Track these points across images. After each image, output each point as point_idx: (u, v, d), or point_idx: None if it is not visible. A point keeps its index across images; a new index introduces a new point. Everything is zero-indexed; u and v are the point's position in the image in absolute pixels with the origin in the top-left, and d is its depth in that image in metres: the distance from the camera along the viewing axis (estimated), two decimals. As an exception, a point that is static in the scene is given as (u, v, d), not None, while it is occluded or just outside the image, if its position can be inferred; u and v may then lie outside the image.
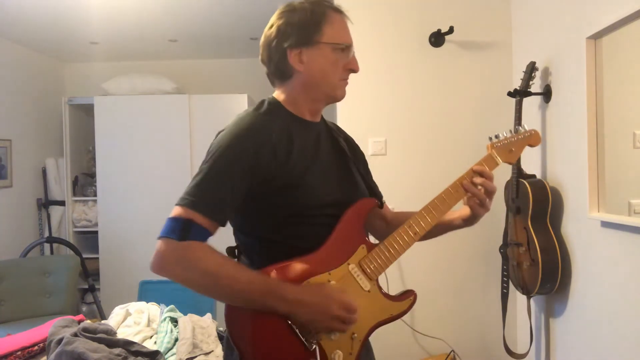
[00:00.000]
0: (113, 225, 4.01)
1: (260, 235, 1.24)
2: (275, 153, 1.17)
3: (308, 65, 1.23)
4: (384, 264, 1.25)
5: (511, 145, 1.37)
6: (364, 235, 1.28)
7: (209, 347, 2.25)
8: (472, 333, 2.77)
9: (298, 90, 1.26)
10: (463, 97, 2.74)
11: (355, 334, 1.21)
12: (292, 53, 1.22)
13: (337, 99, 1.30)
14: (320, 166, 1.25)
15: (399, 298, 1.28)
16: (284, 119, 1.24)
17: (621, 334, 1.83)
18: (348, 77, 1.29)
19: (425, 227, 1.29)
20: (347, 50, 1.26)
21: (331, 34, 1.23)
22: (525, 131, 1.40)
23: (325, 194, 1.24)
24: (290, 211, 1.20)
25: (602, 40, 1.91)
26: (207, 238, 1.13)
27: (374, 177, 1.50)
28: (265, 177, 1.16)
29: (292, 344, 1.15)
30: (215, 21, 3.51)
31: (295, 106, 1.27)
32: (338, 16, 1.26)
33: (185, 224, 1.09)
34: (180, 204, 1.12)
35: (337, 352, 1.18)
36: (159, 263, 1.10)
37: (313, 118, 1.31)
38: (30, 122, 4.13)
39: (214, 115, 3.87)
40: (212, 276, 1.11)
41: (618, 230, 1.83)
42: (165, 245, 1.09)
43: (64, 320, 2.25)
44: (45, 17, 3.31)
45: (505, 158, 1.36)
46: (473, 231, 2.70)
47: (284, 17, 1.24)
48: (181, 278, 1.11)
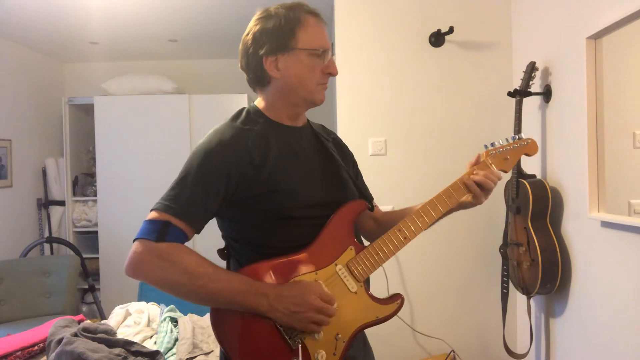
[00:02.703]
0: (113, 225, 4.01)
1: (248, 240, 1.25)
2: (252, 161, 1.18)
3: (284, 71, 1.23)
4: (371, 267, 1.26)
5: (506, 154, 1.37)
6: (353, 236, 1.29)
7: (209, 347, 2.25)
8: (472, 333, 2.77)
9: (276, 97, 1.27)
10: (463, 97, 2.74)
11: (339, 335, 1.21)
12: (267, 60, 1.22)
13: (316, 104, 1.29)
14: (301, 169, 1.26)
15: (386, 301, 1.28)
16: (262, 126, 1.25)
17: (621, 334, 1.83)
18: (327, 81, 1.29)
19: (416, 232, 1.29)
20: (323, 55, 1.25)
21: (306, 40, 1.22)
22: (522, 139, 1.39)
23: (308, 196, 1.24)
24: (274, 215, 1.21)
25: (602, 40, 1.91)
26: (184, 241, 1.14)
27: (374, 177, 1.50)
28: (243, 185, 1.17)
29: (276, 344, 1.17)
30: (215, 21, 3.51)
31: (274, 112, 1.28)
32: (313, 20, 1.25)
33: (162, 225, 1.11)
34: (156, 208, 1.14)
35: (321, 352, 1.19)
36: (134, 264, 1.10)
37: (293, 122, 1.31)
38: (30, 122, 4.13)
39: (214, 115, 3.85)
40: (190, 276, 1.11)
41: (618, 230, 1.83)
42: (142, 246, 1.10)
43: (64, 320, 2.25)
44: (45, 17, 3.31)
45: (499, 166, 1.36)
46: (473, 231, 2.73)
47: (259, 23, 1.24)
48: (158, 279, 1.11)
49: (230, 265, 1.30)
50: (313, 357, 1.18)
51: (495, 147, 1.37)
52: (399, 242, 1.27)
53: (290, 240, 1.23)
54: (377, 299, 1.28)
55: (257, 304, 1.13)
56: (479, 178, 1.30)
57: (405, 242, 1.28)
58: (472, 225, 2.71)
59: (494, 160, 1.36)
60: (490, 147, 1.37)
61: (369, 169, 2.68)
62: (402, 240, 1.28)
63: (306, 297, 1.15)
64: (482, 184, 1.30)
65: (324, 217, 1.25)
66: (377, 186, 2.33)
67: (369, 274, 1.27)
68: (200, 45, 4.14)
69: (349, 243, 1.26)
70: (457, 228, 2.71)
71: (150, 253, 1.09)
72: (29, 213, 4.14)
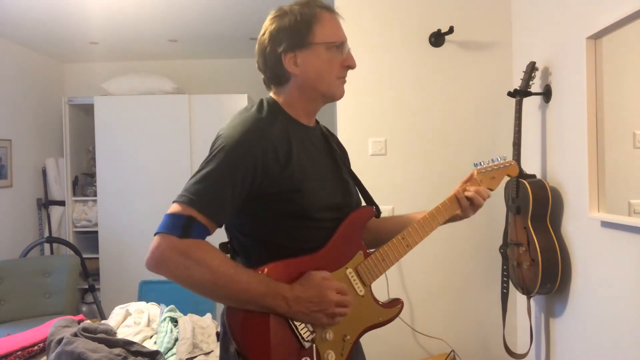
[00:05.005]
0: (113, 225, 4.01)
1: (260, 236, 1.24)
2: (278, 156, 1.17)
3: (303, 67, 1.23)
4: (378, 272, 1.30)
5: (493, 173, 1.47)
6: (362, 241, 1.31)
7: (209, 347, 2.25)
8: (472, 333, 2.77)
9: (295, 93, 1.27)
10: (463, 97, 2.73)
11: (347, 336, 1.24)
12: (286, 57, 1.23)
13: (336, 98, 1.30)
14: (317, 170, 1.26)
15: (389, 305, 1.33)
16: (283, 122, 1.24)
17: (621, 334, 1.83)
18: (346, 74, 1.30)
19: (417, 241, 1.35)
20: (341, 47, 1.26)
21: (323, 33, 1.23)
22: (505, 162, 1.49)
23: (325, 197, 1.25)
24: (292, 214, 1.21)
25: (602, 40, 1.91)
26: (206, 237, 1.13)
27: (374, 177, 1.52)
28: (267, 180, 1.16)
29: (289, 342, 1.17)
30: (215, 21, 3.51)
31: (293, 109, 1.28)
32: (328, 14, 1.26)
33: (186, 221, 1.08)
34: (180, 201, 1.11)
35: (330, 352, 1.21)
36: (157, 259, 1.07)
37: (309, 121, 1.31)
38: (30, 122, 4.13)
39: (214, 115, 3.87)
40: (213, 276, 1.10)
41: (618, 230, 1.83)
42: (166, 242, 1.07)
43: (64, 320, 2.25)
44: (45, 17, 3.31)
45: (487, 184, 1.45)
46: (473, 231, 2.73)
47: (275, 22, 1.25)
48: (180, 277, 1.09)
49: (235, 260, 1.29)
50: (323, 357, 1.20)
51: (484, 166, 1.47)
52: (403, 249, 1.33)
53: (303, 241, 1.23)
54: (380, 302, 1.32)
55: (276, 306, 1.14)
56: (470, 193, 1.39)
57: (407, 249, 1.34)
58: (472, 225, 2.70)
59: (483, 178, 1.45)
60: (479, 165, 1.47)
61: (369, 169, 2.70)
62: (405, 248, 1.34)
63: (324, 295, 1.16)
64: (473, 199, 1.39)
65: (335, 220, 1.26)
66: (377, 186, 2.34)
67: (376, 279, 1.30)
68: (200, 45, 4.14)
69: (359, 248, 1.29)
70: (457, 228, 2.68)
71: (173, 250, 1.07)
72: (29, 213, 4.14)
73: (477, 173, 1.44)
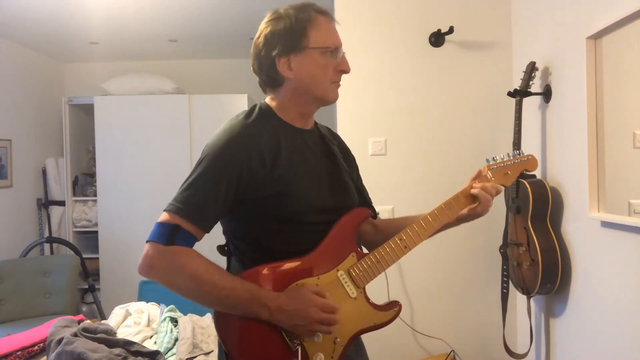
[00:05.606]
0: (113, 225, 4.01)
1: (252, 240, 1.25)
2: (264, 161, 1.18)
3: (297, 71, 1.23)
4: (372, 273, 1.28)
5: (507, 169, 1.41)
6: (355, 243, 1.30)
7: (209, 347, 2.25)
8: (472, 333, 2.77)
9: (289, 97, 1.27)
10: (463, 97, 2.73)
11: (338, 339, 1.23)
12: (280, 61, 1.23)
13: (329, 102, 1.30)
14: (310, 173, 1.26)
15: (384, 308, 1.31)
16: (274, 126, 1.25)
17: (621, 334, 1.83)
18: (340, 78, 1.29)
19: (416, 242, 1.32)
20: (335, 52, 1.26)
21: (317, 38, 1.23)
22: (523, 155, 1.44)
23: (315, 200, 1.25)
24: (281, 217, 1.21)
25: (602, 40, 1.91)
26: (193, 244, 1.15)
27: (374, 177, 1.51)
28: (254, 184, 1.17)
29: (276, 345, 1.18)
30: (215, 21, 3.51)
31: (286, 113, 1.28)
32: (323, 19, 1.26)
33: (172, 229, 1.12)
34: (168, 210, 1.15)
35: (319, 354, 1.20)
36: (145, 266, 1.13)
37: (304, 124, 1.31)
38: (30, 122, 4.13)
39: (214, 115, 3.87)
40: (196, 281, 1.13)
41: (618, 230, 1.83)
42: (153, 249, 1.12)
43: (64, 320, 2.25)
44: (45, 17, 3.31)
45: (499, 180, 1.40)
46: (473, 231, 2.72)
47: (270, 25, 1.25)
48: (166, 282, 1.14)
49: (230, 263, 1.31)
50: (312, 359, 1.20)
51: (497, 161, 1.41)
52: (400, 251, 1.30)
53: (295, 244, 1.23)
54: (376, 305, 1.30)
55: (259, 313, 1.16)
56: (476, 191, 1.35)
57: (405, 251, 1.31)
58: (472, 225, 2.67)
59: (495, 174, 1.40)
60: (491, 161, 1.41)
61: (369, 169, 2.69)
62: (403, 249, 1.31)
63: (307, 311, 1.16)
64: (479, 197, 1.34)
65: (329, 223, 1.26)
66: (377, 186, 2.33)
67: (370, 281, 1.29)
68: (200, 45, 4.14)
69: (351, 250, 1.28)
70: (457, 228, 2.67)
71: (159, 257, 1.12)
72: (29, 213, 4.14)
73: (488, 169, 1.40)
